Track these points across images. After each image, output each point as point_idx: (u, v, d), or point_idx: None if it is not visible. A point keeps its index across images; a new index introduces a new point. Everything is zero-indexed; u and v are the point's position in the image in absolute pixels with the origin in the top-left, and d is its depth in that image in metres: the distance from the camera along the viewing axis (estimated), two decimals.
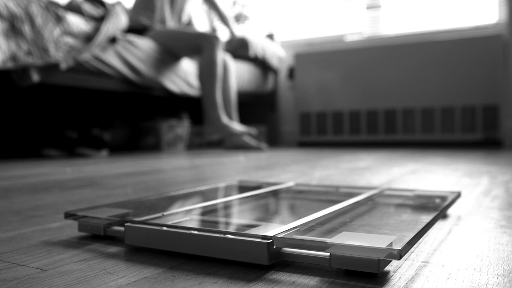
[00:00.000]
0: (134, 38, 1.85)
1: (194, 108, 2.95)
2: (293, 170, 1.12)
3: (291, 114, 2.95)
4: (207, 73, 2.08)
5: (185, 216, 0.43)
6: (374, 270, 0.29)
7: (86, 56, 1.60)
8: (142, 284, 0.30)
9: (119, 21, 1.73)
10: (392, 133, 2.55)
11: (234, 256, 0.33)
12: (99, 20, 1.72)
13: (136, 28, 2.14)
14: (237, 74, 2.52)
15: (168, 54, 2.04)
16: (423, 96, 2.47)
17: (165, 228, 0.36)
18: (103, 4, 1.79)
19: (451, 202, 0.48)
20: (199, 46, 2.09)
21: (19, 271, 0.33)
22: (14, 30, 1.37)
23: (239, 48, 2.57)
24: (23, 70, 1.43)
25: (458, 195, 0.52)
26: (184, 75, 2.13)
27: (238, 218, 0.44)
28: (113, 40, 1.72)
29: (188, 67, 2.16)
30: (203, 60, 2.09)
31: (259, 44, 2.60)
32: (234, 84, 2.28)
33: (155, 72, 1.94)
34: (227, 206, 0.51)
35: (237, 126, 2.11)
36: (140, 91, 1.92)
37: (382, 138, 2.57)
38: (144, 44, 1.89)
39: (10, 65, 1.36)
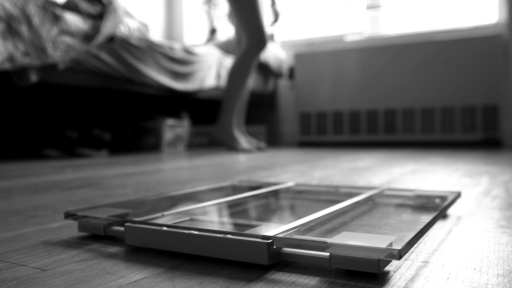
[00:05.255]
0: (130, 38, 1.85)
1: (194, 108, 2.95)
2: (293, 170, 1.12)
3: (291, 114, 2.95)
4: (239, 76, 2.01)
5: (185, 216, 0.43)
6: (374, 270, 0.29)
7: (83, 55, 1.60)
8: (142, 284, 0.30)
9: (117, 19, 1.72)
10: (392, 133, 2.55)
11: (234, 256, 0.33)
12: (97, 18, 1.72)
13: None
14: None
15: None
16: (423, 96, 2.47)
17: (165, 228, 0.36)
18: (100, 1, 1.79)
19: (451, 202, 0.48)
20: (244, 39, 1.99)
21: (19, 271, 0.33)
22: (11, 31, 1.37)
23: None
24: (22, 71, 1.43)
25: (458, 195, 0.52)
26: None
27: (238, 218, 0.44)
28: (111, 39, 1.72)
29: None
30: (241, 60, 2.00)
31: None
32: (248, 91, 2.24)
33: (151, 69, 1.94)
34: (227, 206, 0.51)
35: (244, 143, 2.06)
36: (139, 90, 1.92)
37: (382, 138, 2.57)
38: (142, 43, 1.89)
39: (7, 66, 1.35)
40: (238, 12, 1.96)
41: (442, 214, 0.43)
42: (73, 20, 1.58)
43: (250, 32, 1.97)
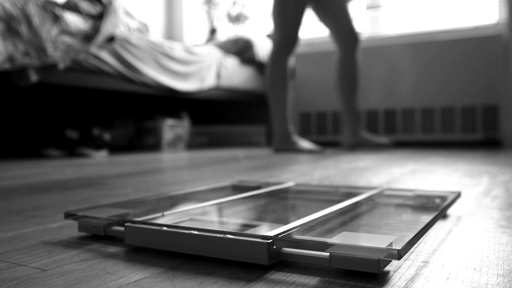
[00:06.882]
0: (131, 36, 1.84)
1: (194, 108, 2.95)
2: (293, 170, 1.12)
3: (291, 114, 2.95)
4: (278, 80, 1.95)
5: (185, 216, 0.43)
6: (374, 270, 0.29)
7: (83, 55, 1.60)
8: (142, 284, 0.30)
9: (117, 19, 1.72)
10: (392, 133, 2.55)
11: (234, 256, 0.33)
12: (97, 18, 1.72)
13: None
14: (239, 73, 2.52)
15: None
16: (423, 96, 2.47)
17: (165, 228, 0.36)
18: (100, 1, 1.79)
19: (451, 202, 0.48)
20: (274, 37, 1.96)
21: (19, 271, 0.33)
22: (11, 31, 1.37)
23: (244, 50, 2.57)
24: (22, 71, 1.43)
25: (458, 195, 0.52)
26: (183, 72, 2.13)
27: (238, 218, 0.44)
28: (111, 39, 1.72)
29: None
30: (273, 62, 1.96)
31: (262, 47, 2.60)
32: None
33: (152, 69, 1.94)
34: (227, 206, 0.51)
35: (305, 144, 1.98)
36: (139, 90, 1.92)
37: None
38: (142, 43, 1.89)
39: (7, 66, 1.36)
40: (280, 6, 1.97)
41: (442, 214, 0.43)
42: (73, 20, 1.58)
43: (281, 28, 1.97)
